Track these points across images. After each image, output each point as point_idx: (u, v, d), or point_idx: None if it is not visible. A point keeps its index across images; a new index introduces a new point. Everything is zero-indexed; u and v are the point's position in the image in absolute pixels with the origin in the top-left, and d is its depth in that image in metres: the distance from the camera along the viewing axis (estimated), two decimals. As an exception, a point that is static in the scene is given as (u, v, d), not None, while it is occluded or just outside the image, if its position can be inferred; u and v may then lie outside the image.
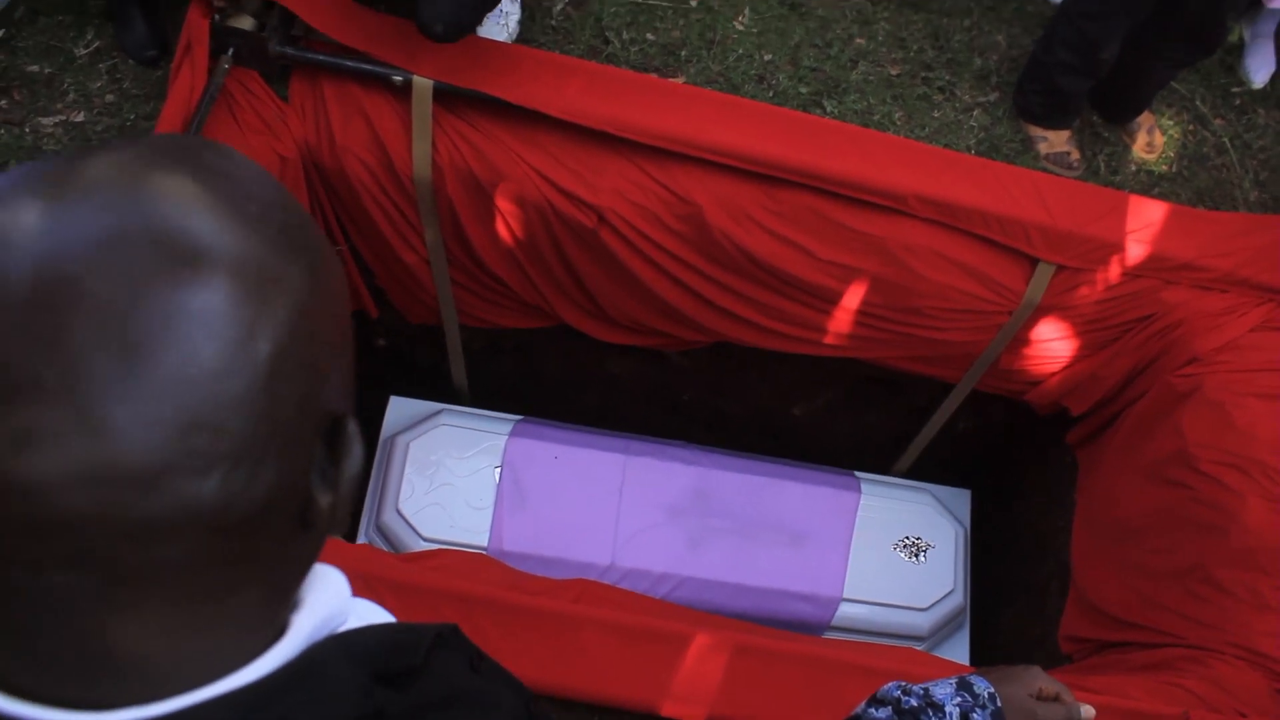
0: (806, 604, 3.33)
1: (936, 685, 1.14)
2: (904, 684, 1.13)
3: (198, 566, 0.55)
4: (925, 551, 3.46)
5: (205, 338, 0.51)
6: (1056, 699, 1.19)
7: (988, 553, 3.71)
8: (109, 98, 2.67)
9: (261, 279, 0.54)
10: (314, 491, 0.59)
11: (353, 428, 0.61)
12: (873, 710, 1.10)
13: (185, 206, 0.54)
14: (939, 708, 1.10)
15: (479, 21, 2.58)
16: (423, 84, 2.60)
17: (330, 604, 0.66)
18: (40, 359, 0.49)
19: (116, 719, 0.56)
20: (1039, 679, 1.20)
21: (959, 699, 1.12)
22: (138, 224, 0.52)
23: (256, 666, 0.60)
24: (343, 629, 0.68)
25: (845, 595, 3.35)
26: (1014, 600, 3.58)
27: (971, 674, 1.18)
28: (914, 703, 1.10)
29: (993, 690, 1.15)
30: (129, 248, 0.51)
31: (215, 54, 2.54)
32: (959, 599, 3.43)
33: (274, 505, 0.57)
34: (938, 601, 3.41)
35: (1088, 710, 1.19)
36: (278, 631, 0.63)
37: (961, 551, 3.50)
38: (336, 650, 0.64)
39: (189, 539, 0.54)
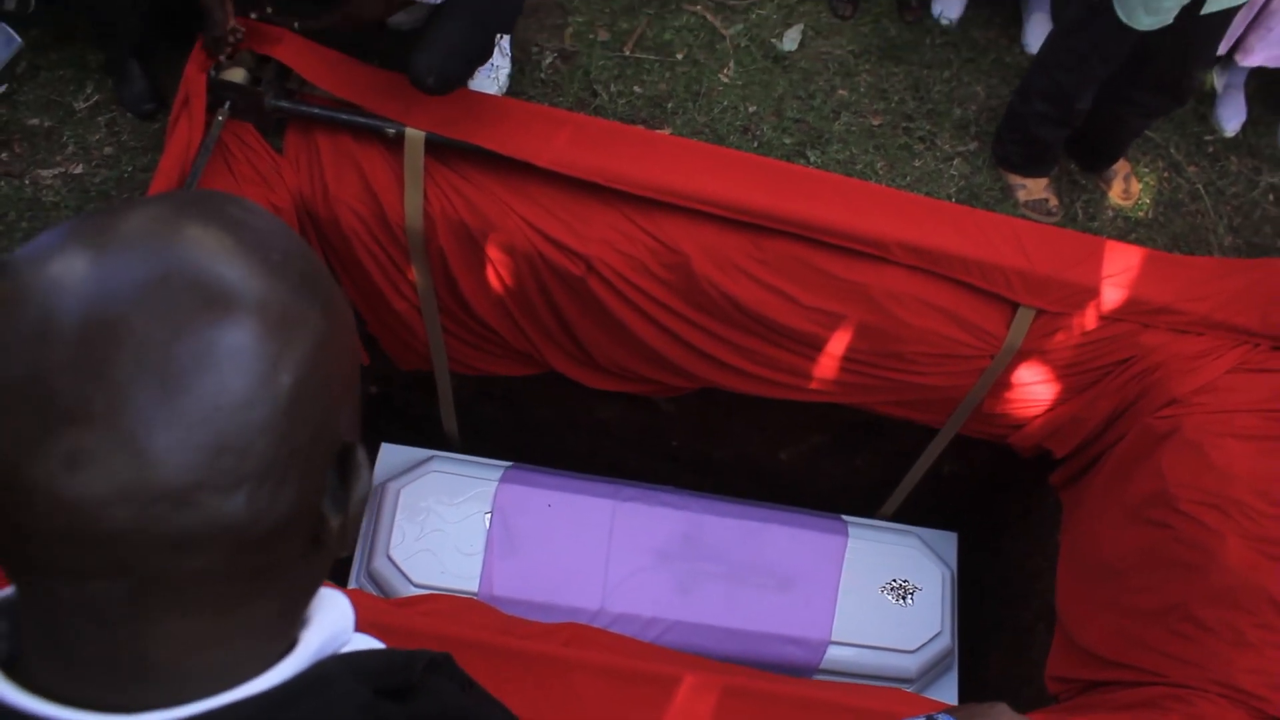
0: (795, 647, 3.35)
1: (912, 723, 1.17)
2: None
3: (223, 578, 0.62)
4: (912, 594, 3.48)
5: (235, 371, 0.58)
6: (1024, 736, 1.22)
7: (975, 595, 3.74)
8: (107, 150, 2.72)
9: (284, 319, 0.61)
10: (326, 513, 0.66)
11: (361, 455, 0.68)
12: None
13: (216, 255, 0.60)
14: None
15: (470, 74, 2.64)
16: (415, 136, 2.66)
17: (336, 623, 0.72)
18: (89, 389, 0.55)
19: None
20: (1004, 715, 1.23)
21: (933, 734, 1.15)
22: (175, 270, 0.59)
23: (270, 675, 0.66)
24: (345, 649, 0.73)
25: (833, 638, 3.37)
26: (1001, 642, 3.61)
27: (940, 711, 1.21)
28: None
29: (962, 727, 1.18)
30: (168, 291, 0.58)
31: (211, 107, 2.60)
32: (947, 641, 3.46)
33: (293, 523, 0.63)
34: (925, 644, 3.43)
35: (1058, 745, 1.22)
36: (289, 645, 0.69)
37: (949, 594, 3.53)
38: (341, 666, 0.70)
39: (217, 551, 0.60)
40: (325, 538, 0.66)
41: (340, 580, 3.19)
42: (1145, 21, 2.68)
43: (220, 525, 0.59)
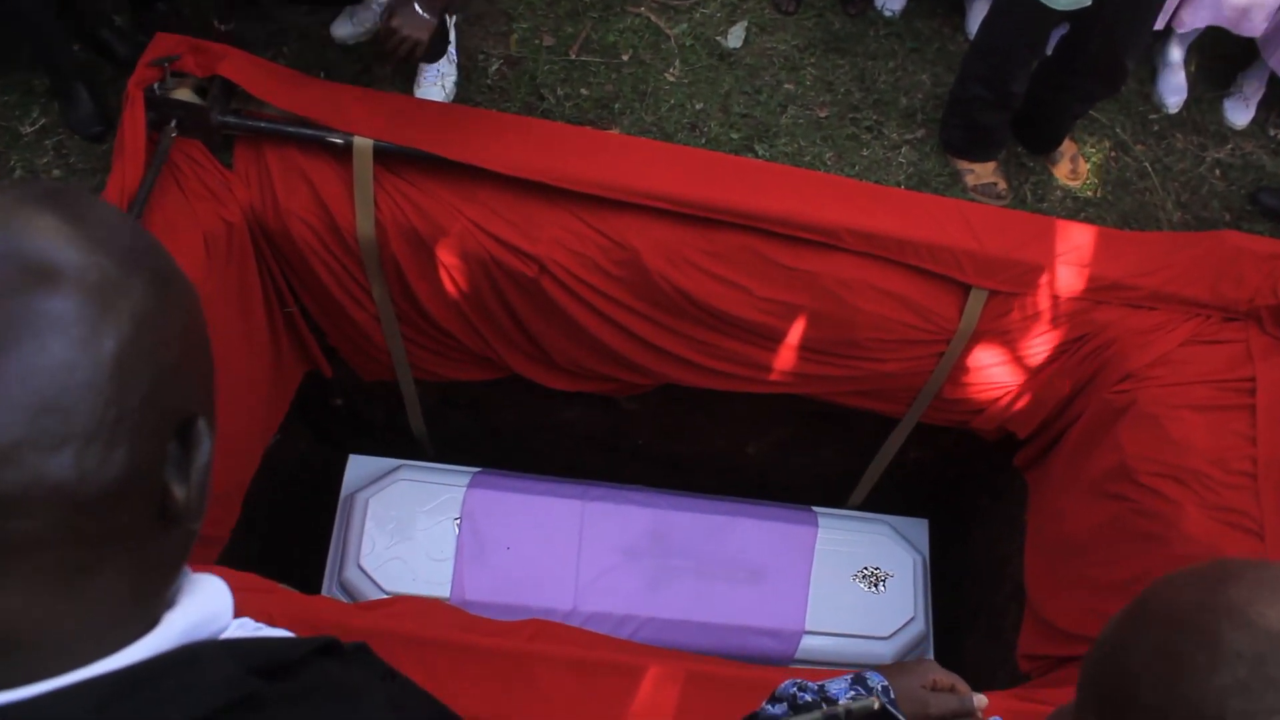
0: (769, 639, 3.37)
1: (832, 681, 1.19)
2: (800, 681, 1.18)
3: (57, 542, 0.63)
4: (885, 581, 3.50)
5: (53, 334, 0.61)
6: (951, 689, 1.24)
7: (947, 580, 3.76)
8: (55, 173, 2.73)
9: (105, 288, 0.64)
10: (169, 482, 0.67)
11: (203, 425, 0.70)
12: (769, 707, 1.15)
13: (42, 232, 0.64)
14: (833, 701, 1.15)
15: None
16: (363, 144, 2.67)
17: (207, 606, 0.73)
18: None
19: None
20: (932, 670, 1.25)
21: (853, 692, 1.17)
22: (3, 249, 0.62)
23: (127, 653, 0.66)
24: (227, 635, 0.75)
25: (807, 628, 3.39)
26: (975, 625, 3.63)
27: (868, 670, 1.23)
28: (809, 698, 1.15)
29: (886, 683, 1.20)
30: None
31: (159, 125, 2.61)
32: (920, 626, 3.48)
33: (131, 487, 0.65)
34: (899, 630, 3.45)
35: (980, 700, 1.24)
36: (150, 625, 0.69)
37: (921, 579, 3.55)
38: (215, 648, 0.71)
39: (47, 513, 0.61)
40: (173, 509, 0.68)
41: (312, 590, 3.20)
42: (1062, 2, 2.72)
43: (47, 485, 0.60)
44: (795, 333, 2.92)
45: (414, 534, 3.28)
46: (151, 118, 2.58)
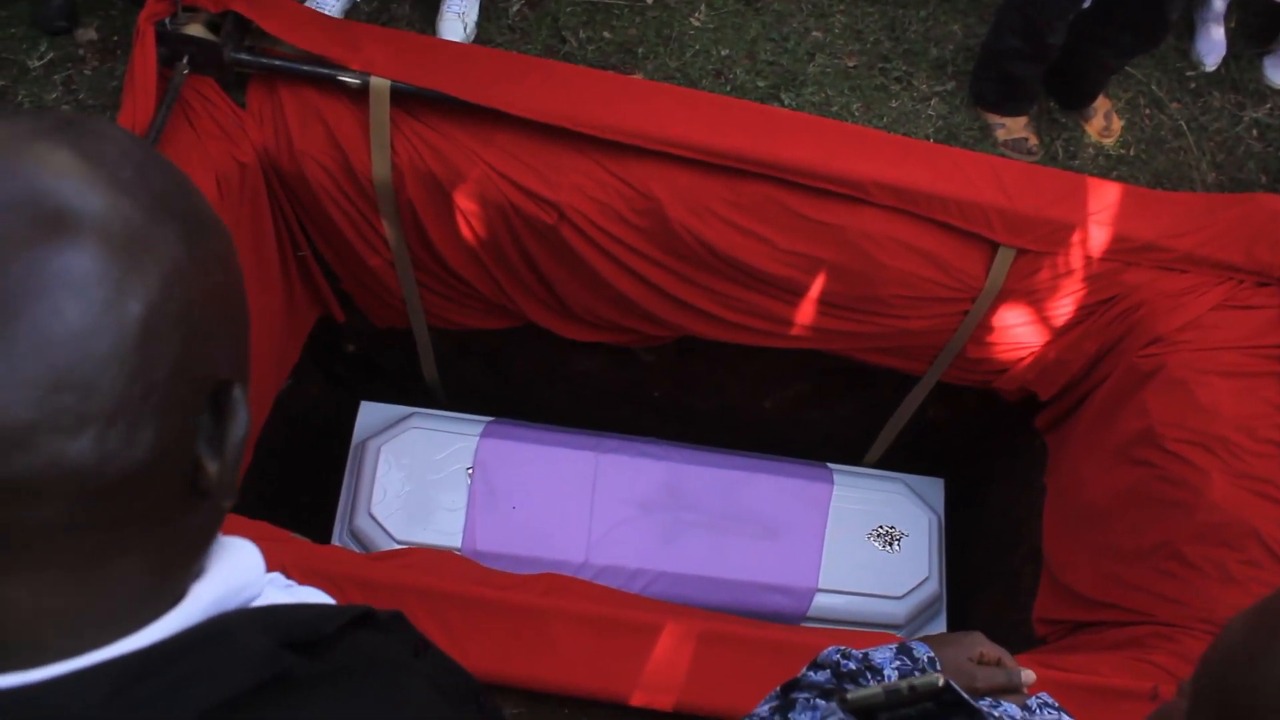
0: (782, 596, 3.34)
1: (877, 650, 1.15)
2: (844, 649, 1.14)
3: (79, 529, 0.56)
4: (899, 540, 3.47)
5: (71, 297, 0.52)
6: (998, 663, 1.20)
7: (963, 541, 3.72)
8: (65, 108, 2.66)
9: (131, 241, 0.55)
10: (201, 457, 0.60)
11: (239, 393, 0.62)
12: (811, 673, 1.10)
13: (58, 174, 0.55)
14: (878, 671, 1.11)
15: None
16: (380, 86, 2.61)
17: (237, 575, 0.66)
18: None
19: None
20: (980, 644, 1.21)
21: (898, 662, 1.13)
22: (9, 191, 0.53)
23: (151, 631, 0.60)
24: (258, 603, 0.68)
25: (820, 586, 3.36)
26: (990, 586, 3.60)
27: (913, 640, 1.19)
28: (853, 666, 1.10)
29: (932, 654, 1.16)
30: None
31: (170, 61, 2.54)
32: (934, 586, 3.44)
33: (157, 468, 0.57)
34: (913, 589, 3.42)
35: (1028, 675, 1.20)
36: (176, 600, 0.62)
37: (936, 539, 3.51)
38: (245, 619, 0.64)
39: (65, 500, 0.54)
40: (204, 485, 0.61)
41: (323, 539, 3.17)
42: None
43: (65, 470, 0.53)
44: (817, 287, 2.86)
45: (426, 483, 3.25)
46: (163, 53, 2.51)
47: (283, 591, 0.75)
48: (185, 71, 2.56)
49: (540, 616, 2.27)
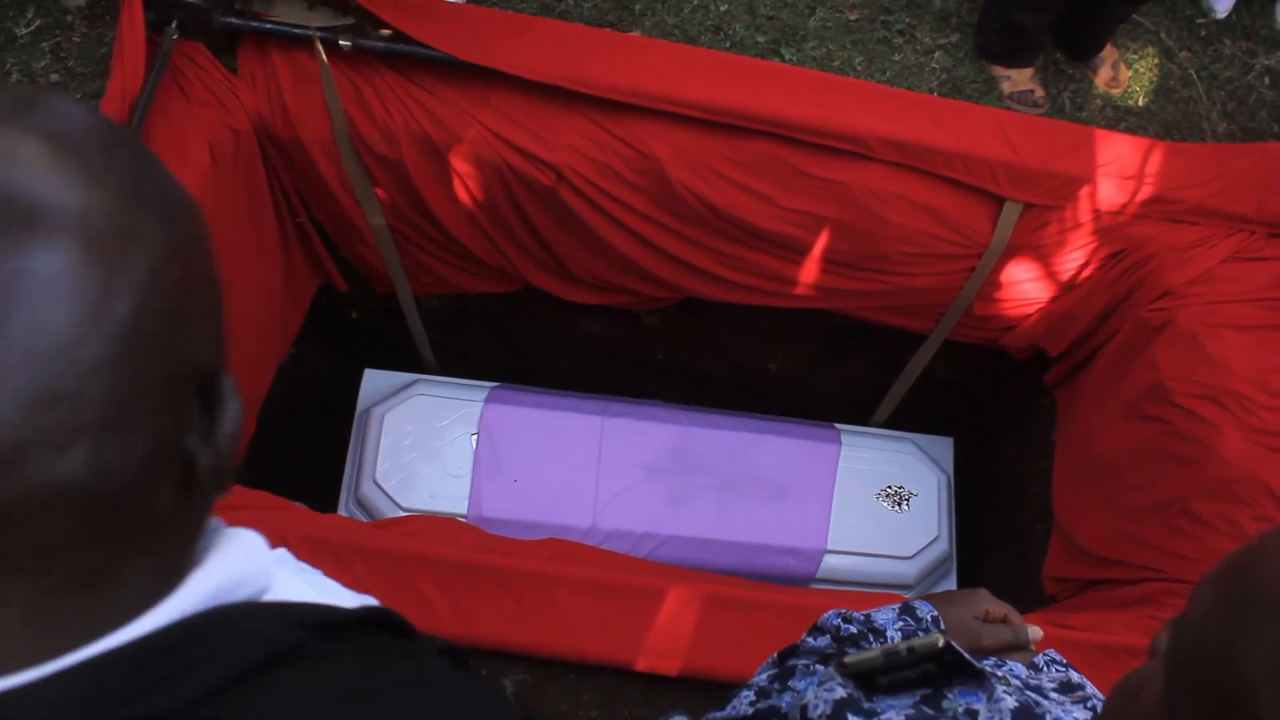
0: (791, 558, 3.32)
1: (879, 611, 1.13)
2: (845, 612, 1.11)
3: (76, 544, 0.52)
4: (908, 500, 3.45)
5: (54, 304, 0.48)
6: (1004, 620, 1.18)
7: (972, 500, 3.70)
8: (54, 77, 2.63)
9: (112, 235, 0.51)
10: (194, 452, 0.57)
11: (227, 382, 0.59)
12: (810, 639, 1.08)
13: (22, 164, 0.50)
14: (880, 632, 1.08)
15: None
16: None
17: (238, 565, 0.62)
18: None
19: None
20: (985, 601, 1.18)
21: (901, 623, 1.10)
22: None
23: (143, 622, 0.56)
24: (268, 597, 0.64)
25: (829, 547, 3.34)
26: (1000, 546, 3.58)
27: (916, 600, 1.16)
28: (854, 629, 1.08)
29: (936, 613, 1.13)
30: None
31: (159, 27, 2.50)
32: (944, 546, 3.42)
33: (152, 472, 0.54)
34: (923, 549, 3.40)
35: (1035, 632, 1.17)
36: (170, 589, 0.59)
37: (945, 498, 3.48)
38: (251, 609, 0.61)
39: (61, 519, 0.51)
40: (197, 479, 0.57)
41: (329, 508, 3.16)
42: None
43: (59, 489, 0.49)
44: (821, 245, 2.82)
45: (430, 449, 3.23)
46: (151, 19, 2.46)
47: (296, 576, 0.71)
48: (174, 37, 2.51)
49: (544, 582, 2.25)
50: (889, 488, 3.45)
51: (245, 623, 0.58)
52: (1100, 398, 3.04)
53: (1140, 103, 3.11)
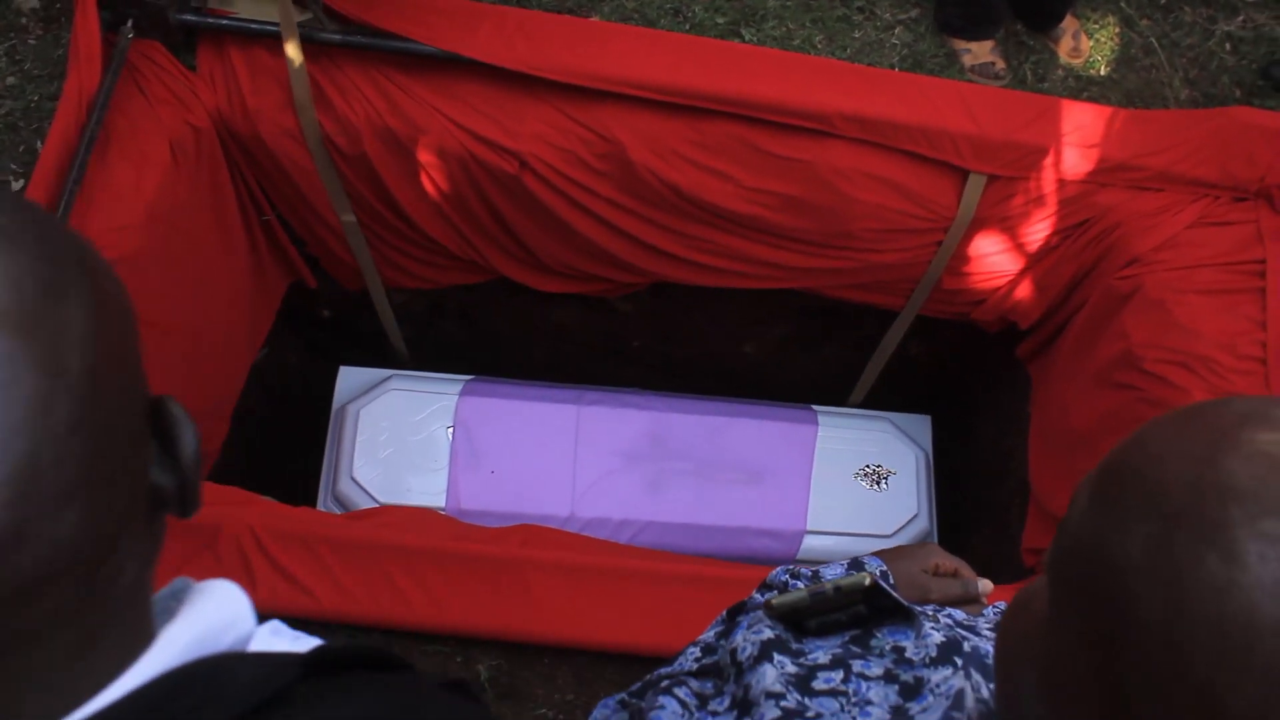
0: (771, 539, 3.32)
1: (828, 567, 1.13)
2: (792, 568, 1.11)
3: (84, 602, 0.53)
4: (887, 479, 3.45)
5: (12, 379, 0.48)
6: (955, 575, 1.18)
7: (951, 477, 3.71)
8: (10, 80, 2.62)
9: (41, 298, 0.50)
10: (159, 484, 0.57)
11: (176, 408, 0.59)
12: (758, 595, 1.08)
13: None
14: (826, 586, 1.08)
15: None
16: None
17: (216, 612, 0.62)
18: None
19: None
20: (934, 554, 1.18)
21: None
22: None
23: (124, 681, 0.56)
24: (252, 648, 0.64)
25: (809, 528, 3.34)
26: (980, 521, 3.59)
27: (866, 556, 1.17)
28: (802, 585, 1.08)
29: (885, 568, 1.13)
30: None
31: (114, 26, 2.49)
32: (924, 523, 3.43)
33: (133, 514, 0.55)
34: (903, 527, 3.40)
35: (985, 585, 1.17)
36: (146, 638, 0.59)
37: (924, 475, 3.49)
38: (238, 657, 0.60)
39: (66, 582, 0.51)
40: (168, 510, 0.58)
41: (308, 505, 3.15)
42: None
43: (59, 555, 0.50)
44: (787, 224, 2.83)
45: (407, 444, 3.23)
46: (106, 18, 2.46)
47: (288, 642, 0.71)
48: (130, 36, 2.51)
49: (518, 567, 2.25)
50: (867, 467, 3.46)
51: (232, 671, 0.58)
52: (1072, 368, 3.04)
53: (1102, 72, 3.12)
